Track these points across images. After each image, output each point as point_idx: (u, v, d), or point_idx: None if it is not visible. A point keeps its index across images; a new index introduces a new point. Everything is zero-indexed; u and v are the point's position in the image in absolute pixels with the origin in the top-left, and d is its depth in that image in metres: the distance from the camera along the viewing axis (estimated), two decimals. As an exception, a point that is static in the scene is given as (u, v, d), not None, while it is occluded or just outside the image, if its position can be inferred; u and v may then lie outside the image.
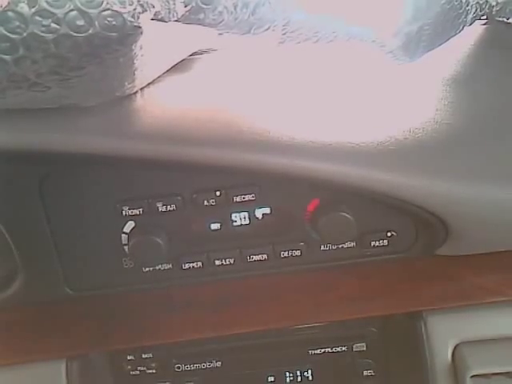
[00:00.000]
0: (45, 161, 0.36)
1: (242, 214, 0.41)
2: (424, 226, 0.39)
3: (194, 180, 0.39)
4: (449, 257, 0.40)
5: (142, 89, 0.38)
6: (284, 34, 0.30)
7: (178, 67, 0.44)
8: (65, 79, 0.26)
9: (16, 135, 0.34)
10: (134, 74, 0.30)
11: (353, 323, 0.43)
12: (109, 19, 0.23)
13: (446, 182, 0.36)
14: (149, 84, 0.39)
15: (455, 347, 0.39)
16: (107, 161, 0.37)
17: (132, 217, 0.40)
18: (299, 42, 0.33)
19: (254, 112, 0.38)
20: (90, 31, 0.23)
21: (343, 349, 0.43)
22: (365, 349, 0.43)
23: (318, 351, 0.43)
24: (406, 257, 0.41)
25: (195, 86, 0.43)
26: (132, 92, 0.34)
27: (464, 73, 0.45)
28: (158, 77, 0.40)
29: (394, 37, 0.38)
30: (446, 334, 0.39)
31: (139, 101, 0.38)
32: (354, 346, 0.43)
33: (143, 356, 0.44)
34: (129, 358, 0.44)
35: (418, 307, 0.39)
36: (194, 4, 0.24)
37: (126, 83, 0.31)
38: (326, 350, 0.43)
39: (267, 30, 0.29)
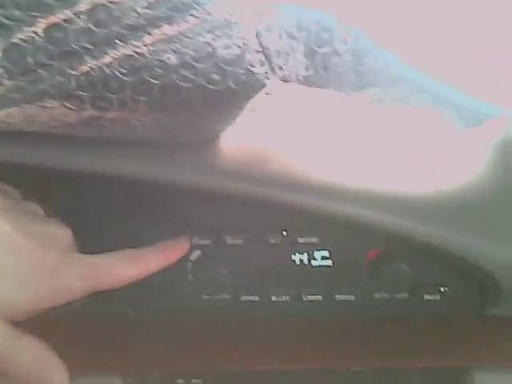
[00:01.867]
0: (131, 187, 0.39)
1: (303, 255, 0.43)
2: (477, 284, 0.41)
3: (263, 218, 0.41)
4: (500, 317, 0.41)
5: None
6: (375, 96, 0.33)
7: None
8: (183, 121, 0.29)
9: (109, 160, 0.37)
10: (235, 119, 0.33)
11: (399, 372, 0.44)
12: (242, 77, 0.26)
13: (501, 243, 0.38)
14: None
15: (498, 405, 0.40)
16: (185, 192, 0.39)
17: (200, 246, 0.42)
18: (383, 105, 0.35)
19: (324, 158, 0.41)
20: (222, 85, 0.26)
21: (387, 396, 0.45)
22: (407, 397, 0.45)
23: (360, 395, 0.45)
24: (457, 314, 0.42)
25: (268, 127, 0.45)
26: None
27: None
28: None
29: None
30: (490, 391, 0.40)
31: (221, 139, 0.40)
32: (398, 394, 0.45)
33: (193, 381, 0.45)
34: (179, 381, 0.46)
35: (465, 363, 0.41)
36: (314, 70, 0.27)
37: (225, 126, 0.34)
38: (371, 395, 0.45)
39: (363, 92, 0.32)
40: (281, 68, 0.26)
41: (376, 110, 0.39)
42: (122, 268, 0.32)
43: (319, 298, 0.43)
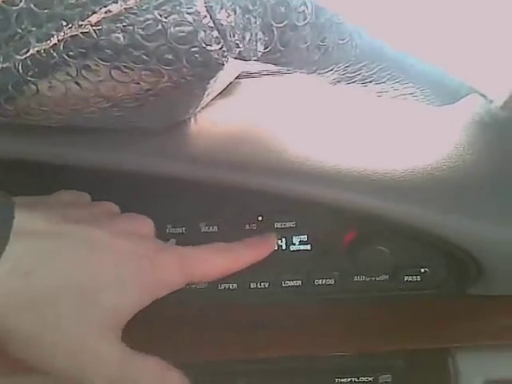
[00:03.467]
0: (102, 177, 0.38)
1: (280, 240, 0.42)
2: (457, 264, 0.40)
3: (238, 204, 0.41)
4: (480, 296, 0.41)
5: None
6: (343, 74, 0.32)
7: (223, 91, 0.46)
8: (141, 104, 0.28)
9: (74, 151, 0.36)
10: (200, 102, 0.32)
11: (380, 354, 0.44)
12: (196, 55, 0.24)
13: (480, 222, 0.37)
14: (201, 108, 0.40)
15: (481, 385, 0.40)
16: (157, 180, 0.38)
17: (174, 235, 0.41)
18: (353, 83, 0.34)
19: (299, 140, 0.40)
20: (177, 65, 0.25)
21: (369, 379, 0.44)
22: (390, 380, 0.44)
23: (344, 380, 0.44)
24: (437, 294, 0.42)
25: (242, 111, 0.44)
26: (190, 117, 0.36)
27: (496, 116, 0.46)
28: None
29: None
30: (473, 371, 0.40)
31: (192, 125, 0.39)
32: (380, 378, 0.44)
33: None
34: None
35: (446, 343, 0.40)
36: (273, 46, 0.25)
37: (191, 110, 0.33)
38: (352, 379, 0.44)
39: (330, 70, 0.30)
40: (237, 45, 0.24)
41: (349, 89, 0.38)
42: (216, 259, 0.32)
43: (299, 283, 0.43)
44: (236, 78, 0.51)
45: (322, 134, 0.41)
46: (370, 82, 0.34)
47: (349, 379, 0.44)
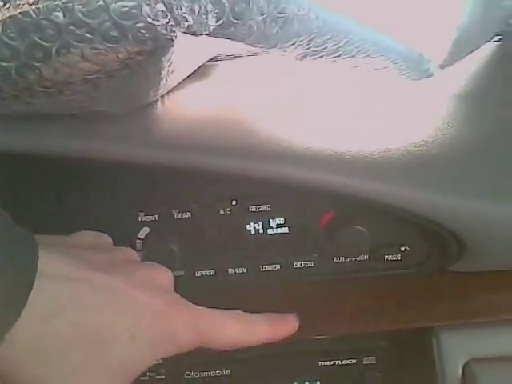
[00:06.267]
0: (65, 166, 0.37)
1: (257, 224, 0.41)
2: (437, 241, 0.39)
3: (211, 188, 0.39)
4: (462, 273, 0.40)
5: (162, 96, 0.38)
6: (307, 49, 0.31)
7: (195, 74, 0.44)
8: (94, 86, 0.27)
9: (37, 139, 0.34)
10: (159, 84, 0.31)
11: (363, 336, 0.43)
12: (142, 31, 0.23)
13: (460, 198, 0.36)
14: (169, 91, 0.39)
15: (466, 364, 0.39)
16: (126, 167, 0.37)
17: (147, 223, 0.40)
18: (320, 57, 0.33)
19: (270, 122, 0.39)
20: (123, 42, 0.24)
21: (353, 361, 0.43)
22: (374, 362, 0.43)
23: (327, 363, 0.43)
24: (419, 272, 0.41)
25: (213, 94, 0.43)
26: (154, 100, 0.35)
27: (477, 88, 0.45)
28: (178, 84, 0.40)
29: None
30: (457, 350, 0.39)
31: (159, 108, 0.38)
32: (364, 359, 0.43)
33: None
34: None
35: (429, 323, 0.39)
36: (225, 19, 0.24)
37: (151, 92, 0.31)
38: (336, 362, 0.43)
39: (293, 44, 0.29)
40: (186, 19, 0.23)
41: (320, 65, 0.37)
42: (232, 328, 0.31)
43: (277, 267, 0.42)
44: (212, 61, 0.50)
45: (295, 115, 0.40)
46: (339, 55, 0.33)
47: (332, 362, 0.43)
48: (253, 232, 0.41)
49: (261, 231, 0.41)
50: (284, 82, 0.45)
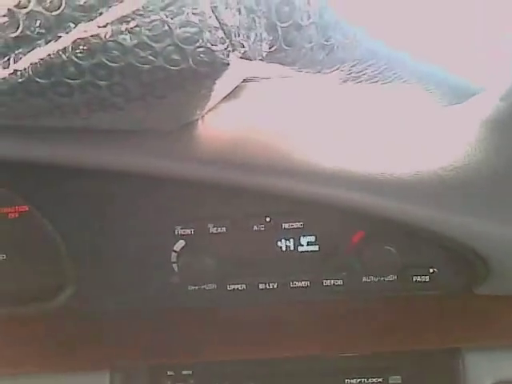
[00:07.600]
0: (111, 178, 0.38)
1: (288, 241, 0.42)
2: (465, 264, 0.40)
3: (246, 205, 0.41)
4: (489, 295, 0.41)
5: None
6: (349, 74, 0.32)
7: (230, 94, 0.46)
8: (149, 106, 0.28)
9: (87, 152, 0.36)
10: (207, 103, 0.32)
11: (389, 355, 0.44)
12: (201, 56, 0.25)
13: (488, 221, 0.37)
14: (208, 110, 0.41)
15: (492, 386, 0.39)
16: (165, 182, 0.38)
17: (183, 236, 0.41)
18: (359, 82, 0.34)
19: (305, 142, 0.40)
20: (183, 65, 0.25)
21: (379, 380, 0.44)
22: (400, 382, 0.44)
23: (353, 381, 0.44)
24: (447, 294, 0.41)
25: (249, 113, 0.45)
26: (197, 118, 0.36)
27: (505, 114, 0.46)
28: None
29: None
30: (483, 372, 0.39)
31: (200, 126, 0.40)
32: (390, 379, 0.44)
33: (183, 372, 0.45)
34: (169, 373, 0.45)
35: (456, 344, 0.40)
36: (277, 45, 0.26)
37: (198, 111, 0.33)
38: (362, 380, 0.44)
39: (336, 69, 0.31)
40: (242, 45, 0.25)
41: (356, 89, 0.38)
42: None
43: (307, 283, 0.43)
44: (242, 82, 0.52)
45: (330, 135, 0.41)
46: (377, 81, 0.34)
47: (358, 380, 0.44)
48: (284, 249, 0.42)
49: (291, 248, 0.42)
50: (319, 104, 0.46)
